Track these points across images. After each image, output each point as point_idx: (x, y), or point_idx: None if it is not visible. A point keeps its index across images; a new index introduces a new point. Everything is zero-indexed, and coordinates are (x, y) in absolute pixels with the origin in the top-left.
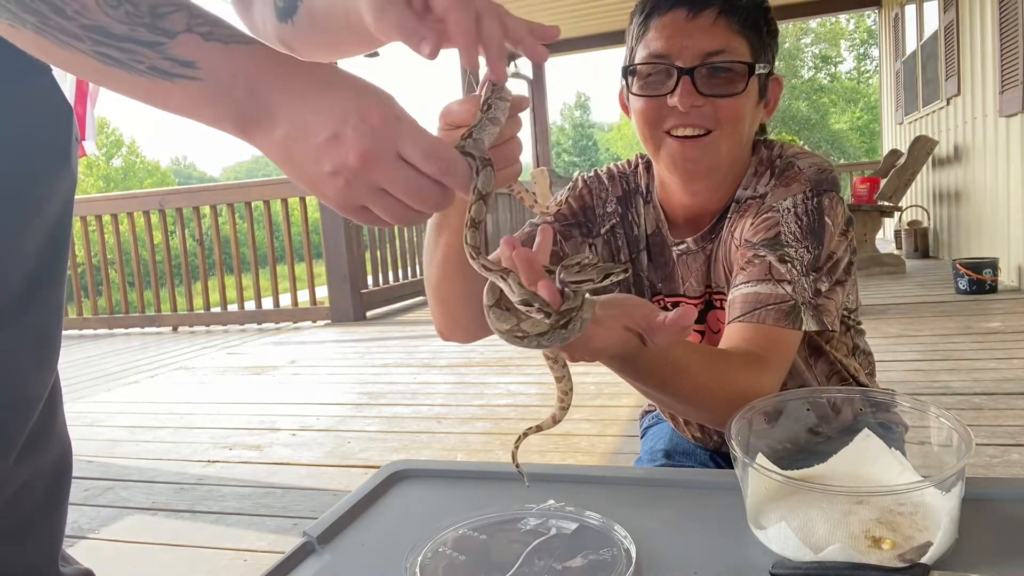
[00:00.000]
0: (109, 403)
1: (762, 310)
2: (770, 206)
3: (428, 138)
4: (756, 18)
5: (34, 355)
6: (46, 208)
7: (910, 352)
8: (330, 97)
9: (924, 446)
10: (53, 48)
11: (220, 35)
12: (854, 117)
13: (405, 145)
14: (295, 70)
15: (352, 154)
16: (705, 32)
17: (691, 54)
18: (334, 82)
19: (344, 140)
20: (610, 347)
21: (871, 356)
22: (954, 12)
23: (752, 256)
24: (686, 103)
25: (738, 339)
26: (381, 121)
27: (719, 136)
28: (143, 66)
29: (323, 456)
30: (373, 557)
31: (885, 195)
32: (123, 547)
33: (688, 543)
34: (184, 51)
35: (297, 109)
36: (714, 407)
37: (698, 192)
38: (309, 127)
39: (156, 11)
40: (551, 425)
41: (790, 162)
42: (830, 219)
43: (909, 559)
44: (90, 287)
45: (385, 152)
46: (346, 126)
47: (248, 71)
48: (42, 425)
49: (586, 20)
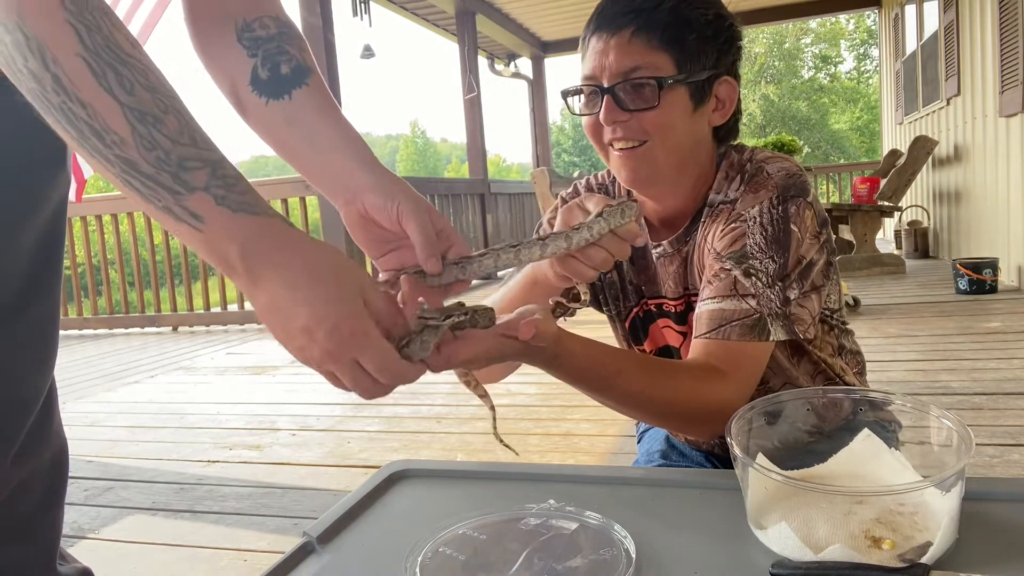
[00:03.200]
0: (109, 403)
1: (727, 327)
2: (739, 214)
3: (384, 353)
4: (676, 30)
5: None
6: (42, 208)
7: (910, 352)
8: (314, 296)
9: (924, 446)
10: (87, 156)
11: (231, 202)
12: (854, 117)
13: (364, 357)
14: (290, 250)
15: (318, 351)
16: (622, 51)
17: (610, 73)
18: (322, 280)
19: (315, 338)
20: (477, 356)
21: (860, 355)
22: (954, 12)
23: (719, 270)
24: (609, 119)
25: (701, 353)
26: (350, 336)
27: (652, 146)
28: (159, 203)
29: (323, 456)
30: (373, 557)
31: (885, 195)
32: (123, 547)
33: (688, 543)
34: (196, 205)
35: (280, 291)
36: (663, 412)
37: (655, 197)
38: (289, 310)
39: (184, 164)
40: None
41: (760, 167)
42: (796, 226)
43: (909, 559)
44: (90, 287)
45: (346, 358)
46: (319, 329)
47: (245, 241)
48: (39, 425)
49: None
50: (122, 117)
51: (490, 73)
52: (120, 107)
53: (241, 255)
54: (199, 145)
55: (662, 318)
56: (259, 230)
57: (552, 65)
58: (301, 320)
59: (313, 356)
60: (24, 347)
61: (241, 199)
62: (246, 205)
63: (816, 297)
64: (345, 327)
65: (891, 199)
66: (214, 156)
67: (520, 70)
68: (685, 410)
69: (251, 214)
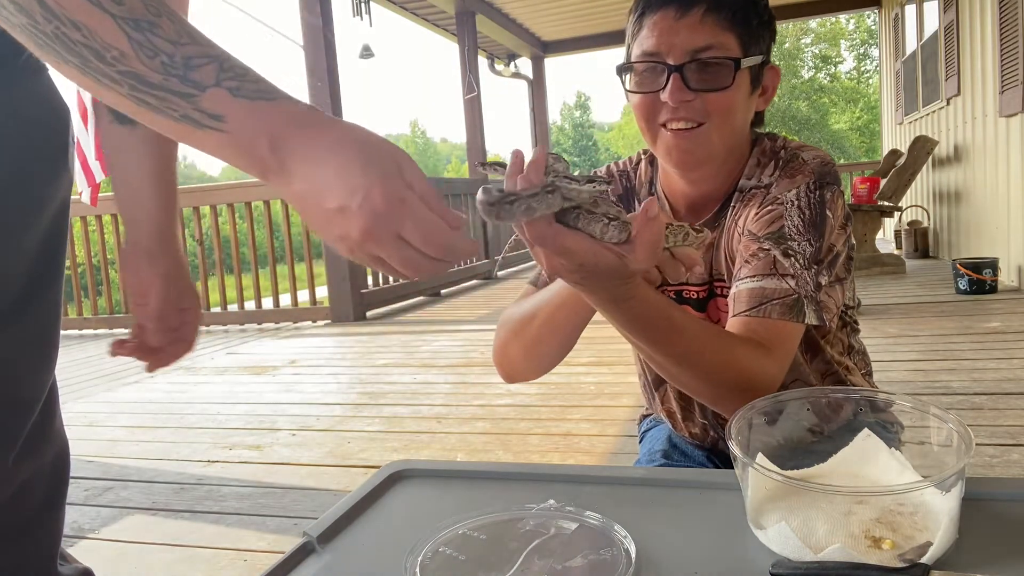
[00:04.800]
0: (109, 403)
1: (767, 304)
2: (775, 197)
3: (428, 222)
4: (745, 12)
5: (33, 356)
6: (45, 208)
7: (910, 352)
8: (343, 168)
9: (924, 446)
10: (95, 86)
11: (247, 91)
12: (854, 117)
13: (406, 228)
14: (315, 130)
15: (355, 230)
16: (693, 30)
17: (680, 51)
18: (350, 149)
19: (349, 215)
20: (576, 249)
21: (866, 356)
22: (954, 12)
23: (757, 249)
24: (676, 99)
25: (742, 331)
26: (384, 203)
27: (711, 128)
28: (176, 114)
29: (323, 456)
30: (373, 557)
31: (885, 195)
32: (123, 547)
33: (688, 543)
34: (213, 105)
35: (312, 172)
36: (711, 378)
37: (696, 180)
38: (321, 194)
39: (189, 63)
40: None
41: (795, 154)
42: (831, 212)
43: (909, 559)
44: (90, 287)
45: (386, 232)
46: (352, 202)
47: (271, 130)
48: (40, 426)
49: (586, 20)
50: (117, 29)
51: (490, 73)
52: (113, 19)
53: (272, 148)
54: (200, 42)
55: (681, 304)
56: (283, 117)
57: (552, 65)
58: (334, 198)
59: (354, 240)
60: (25, 348)
61: (256, 87)
62: (262, 92)
63: (840, 288)
64: (377, 195)
65: (891, 199)
66: (217, 51)
67: (520, 70)
68: (736, 378)
69: (269, 100)
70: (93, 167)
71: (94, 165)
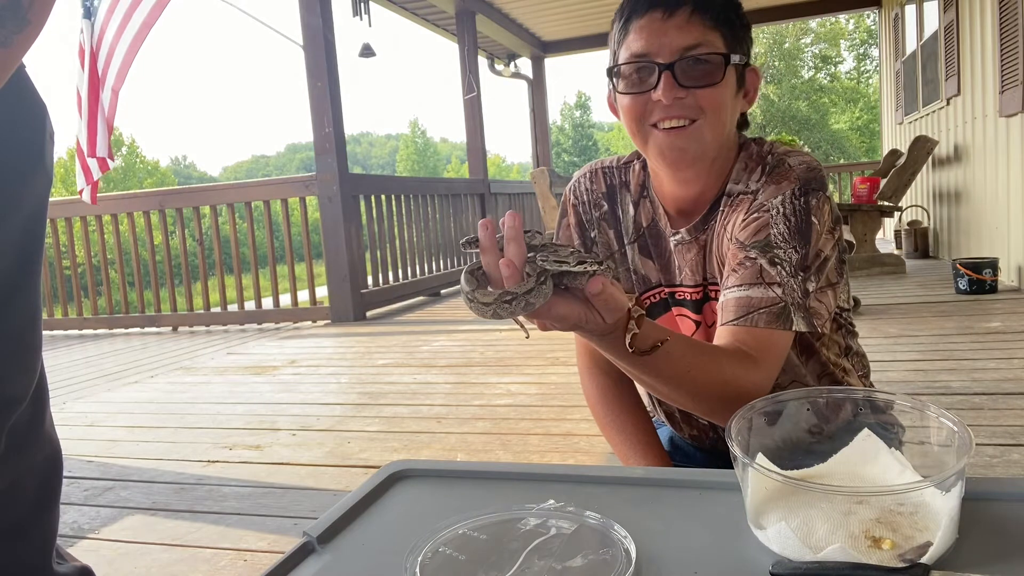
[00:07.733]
0: (109, 403)
1: (754, 314)
2: (761, 204)
3: None
4: (728, 13)
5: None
6: (20, 207)
7: (910, 352)
8: None
9: (924, 446)
10: None
11: None
12: (854, 117)
13: None
14: None
15: None
16: (680, 29)
17: (669, 50)
18: None
19: None
20: (568, 315)
21: (864, 358)
22: (954, 12)
23: (744, 258)
24: (669, 96)
25: (729, 340)
26: None
27: (703, 124)
28: None
29: (323, 456)
30: (373, 557)
31: (885, 195)
32: (123, 547)
33: (688, 543)
34: None
35: None
36: (700, 395)
37: (688, 180)
38: None
39: None
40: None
41: (781, 159)
42: (816, 218)
43: (909, 559)
44: (90, 287)
45: None
46: None
47: None
48: (27, 425)
49: (586, 20)
50: None
51: (490, 73)
52: None
53: None
54: None
55: (677, 306)
56: None
57: (552, 65)
58: None
59: None
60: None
61: None
62: None
63: (832, 293)
64: None
65: (891, 199)
66: None
67: (520, 70)
68: (723, 392)
69: None
70: (90, 165)
71: (91, 163)
